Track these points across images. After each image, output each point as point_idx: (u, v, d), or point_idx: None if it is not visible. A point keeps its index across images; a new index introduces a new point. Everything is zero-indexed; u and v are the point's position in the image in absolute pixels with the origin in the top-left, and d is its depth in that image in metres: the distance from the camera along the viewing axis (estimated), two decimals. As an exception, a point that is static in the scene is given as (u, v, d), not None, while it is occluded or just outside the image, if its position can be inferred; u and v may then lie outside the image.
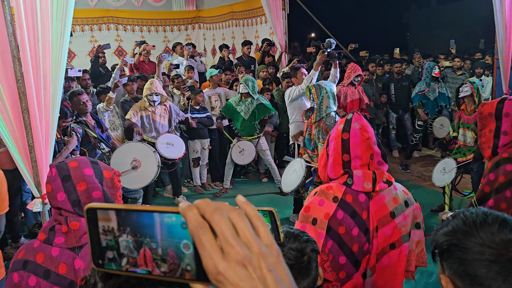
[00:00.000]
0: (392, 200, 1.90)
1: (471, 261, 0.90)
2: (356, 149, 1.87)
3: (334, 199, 1.86)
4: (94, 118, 4.64)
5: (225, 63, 7.55)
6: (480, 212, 0.96)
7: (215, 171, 6.45)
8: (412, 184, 6.34)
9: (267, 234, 0.52)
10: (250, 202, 0.54)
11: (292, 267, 1.34)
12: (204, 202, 0.51)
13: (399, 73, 7.30)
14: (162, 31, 9.81)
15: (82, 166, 1.55)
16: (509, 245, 0.90)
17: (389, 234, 1.89)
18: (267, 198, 5.98)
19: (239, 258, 0.48)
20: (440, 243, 0.97)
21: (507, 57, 5.49)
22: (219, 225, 0.49)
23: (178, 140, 5.21)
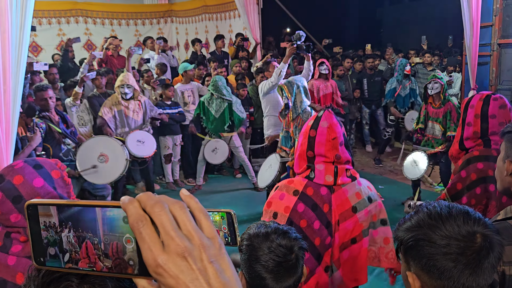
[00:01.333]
0: (355, 195, 1.92)
1: (438, 254, 0.90)
2: (320, 147, 1.88)
3: (294, 193, 1.87)
4: (58, 113, 4.48)
5: (198, 58, 7.44)
6: (443, 205, 0.95)
7: (187, 167, 6.36)
8: (385, 178, 6.43)
9: (209, 227, 0.52)
10: (193, 196, 0.54)
11: (280, 264, 1.33)
12: (145, 196, 0.51)
13: (372, 69, 7.37)
14: (133, 24, 9.58)
15: (29, 179, 1.39)
16: (474, 237, 0.90)
17: (351, 229, 1.91)
18: (242, 194, 5.94)
19: (179, 250, 0.48)
20: (405, 239, 0.96)
21: (474, 54, 5.62)
22: (159, 217, 0.49)
23: (148, 137, 5.08)
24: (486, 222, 0.93)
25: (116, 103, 5.06)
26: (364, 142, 8.00)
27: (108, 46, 6.76)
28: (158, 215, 0.49)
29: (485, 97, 2.31)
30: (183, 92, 6.14)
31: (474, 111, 2.30)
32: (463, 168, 2.26)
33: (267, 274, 1.33)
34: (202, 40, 8.60)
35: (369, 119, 7.59)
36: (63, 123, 4.44)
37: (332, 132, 1.89)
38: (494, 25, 5.85)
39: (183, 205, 0.51)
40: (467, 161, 2.27)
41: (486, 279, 0.90)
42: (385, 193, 5.58)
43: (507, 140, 1.35)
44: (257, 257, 1.35)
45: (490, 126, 2.25)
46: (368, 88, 7.33)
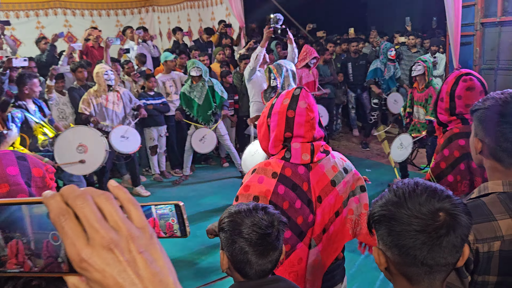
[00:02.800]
0: (331, 169, 1.91)
1: (400, 232, 0.90)
2: (300, 128, 1.84)
3: (273, 175, 1.84)
4: (35, 102, 4.42)
5: (180, 47, 7.33)
6: (411, 183, 0.95)
7: (174, 158, 6.31)
8: (372, 161, 6.45)
9: (139, 216, 0.50)
10: (122, 187, 0.52)
11: (263, 237, 1.35)
12: (68, 188, 0.48)
13: (356, 52, 7.33)
14: (114, 15, 9.41)
15: (5, 164, 1.36)
16: (435, 215, 0.89)
17: (333, 203, 1.90)
18: (229, 183, 5.91)
19: (104, 243, 0.46)
20: (372, 214, 0.97)
21: (456, 34, 5.60)
22: (82, 210, 0.47)
23: (132, 132, 5.00)
24: (453, 200, 0.91)
25: (93, 96, 4.95)
26: (351, 126, 8.00)
27: (88, 37, 6.63)
28: (80, 207, 0.46)
29: (458, 76, 2.31)
30: (164, 83, 6.05)
31: (446, 87, 2.31)
32: (445, 146, 2.26)
33: (250, 247, 1.34)
34: (185, 29, 8.47)
35: (355, 103, 7.58)
36: (40, 112, 4.38)
37: (311, 112, 1.84)
38: (476, 4, 5.83)
39: (109, 196, 0.49)
40: (449, 139, 2.27)
41: (446, 258, 0.90)
42: (372, 176, 5.63)
43: (475, 118, 1.34)
44: (240, 231, 1.35)
45: (457, 106, 2.26)
46: (353, 72, 7.31)
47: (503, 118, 1.22)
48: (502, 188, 1.25)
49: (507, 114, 1.22)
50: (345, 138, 7.84)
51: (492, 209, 1.22)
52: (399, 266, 0.94)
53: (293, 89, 1.91)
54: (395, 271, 0.96)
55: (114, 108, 5.05)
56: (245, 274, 1.38)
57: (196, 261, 3.85)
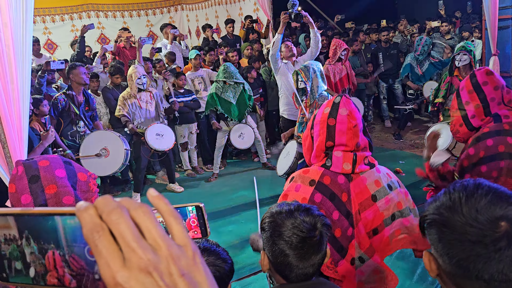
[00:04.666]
0: (374, 183, 1.83)
1: (451, 240, 0.81)
2: (341, 136, 1.79)
3: (311, 183, 1.78)
4: (85, 94, 4.68)
5: (209, 44, 7.39)
6: (471, 184, 0.84)
7: (206, 154, 6.39)
8: (405, 153, 6.31)
9: (181, 232, 0.45)
10: (163, 196, 0.47)
11: (304, 240, 1.29)
12: (103, 200, 0.44)
13: (387, 42, 7.17)
14: (144, 15, 9.58)
15: (53, 167, 1.39)
16: (495, 224, 0.77)
17: (371, 219, 1.81)
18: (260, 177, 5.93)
19: (142, 265, 0.41)
20: (423, 217, 0.88)
21: (493, 17, 5.37)
22: (117, 226, 0.42)
23: (167, 130, 5.12)
24: None
25: (128, 96, 5.09)
26: (382, 118, 7.84)
27: (118, 39, 6.79)
28: (115, 223, 0.42)
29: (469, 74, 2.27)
30: (193, 80, 6.13)
31: (466, 89, 2.24)
32: (472, 145, 2.18)
33: (290, 250, 1.28)
34: (213, 26, 8.53)
35: (386, 93, 7.42)
36: (86, 105, 4.60)
37: (353, 119, 1.78)
38: (514, -14, 5.57)
39: (147, 209, 0.44)
40: (477, 138, 2.18)
41: (506, 274, 0.77)
42: (406, 168, 5.52)
43: None
44: (280, 233, 1.30)
45: (487, 93, 2.17)
46: (384, 61, 7.15)
47: None
48: None
49: None
50: (377, 129, 7.69)
51: None
52: (451, 276, 0.84)
53: (334, 97, 1.87)
54: (448, 280, 0.86)
55: (148, 107, 5.18)
56: (285, 276, 1.33)
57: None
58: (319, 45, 4.84)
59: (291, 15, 4.69)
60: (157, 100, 5.27)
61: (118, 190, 5.63)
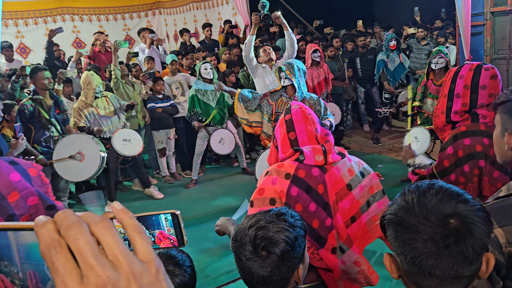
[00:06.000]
0: (347, 172, 1.88)
1: (406, 239, 0.83)
2: (299, 124, 1.89)
3: (286, 176, 1.80)
4: (53, 97, 4.52)
5: (187, 48, 7.33)
6: (425, 185, 0.86)
7: (184, 159, 6.31)
8: (384, 157, 6.37)
9: (145, 248, 0.44)
10: (128, 210, 0.45)
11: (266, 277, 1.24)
12: (62, 215, 0.42)
13: (364, 47, 7.25)
14: (121, 19, 9.45)
15: (5, 172, 1.31)
16: (445, 221, 0.80)
17: (348, 207, 1.86)
18: (240, 182, 5.89)
19: (100, 283, 0.39)
20: (383, 218, 0.91)
21: (466, 24, 5.50)
22: (76, 242, 0.40)
23: (133, 134, 5.02)
24: (470, 206, 0.82)
25: (84, 106, 4.89)
26: (361, 122, 7.92)
27: (95, 42, 6.66)
28: (74, 239, 0.40)
29: (476, 67, 2.21)
30: (170, 85, 6.05)
31: (463, 81, 2.21)
32: (450, 144, 2.19)
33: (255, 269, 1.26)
34: (191, 30, 8.47)
35: (364, 98, 7.50)
36: (55, 108, 4.46)
37: (306, 110, 1.93)
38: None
39: (108, 224, 0.43)
40: (454, 137, 2.19)
41: (456, 269, 0.81)
42: (385, 172, 5.57)
43: (502, 111, 1.24)
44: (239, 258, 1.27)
45: (480, 98, 2.15)
46: (361, 66, 7.23)
47: None
48: None
49: None
50: (356, 133, 7.76)
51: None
52: (409, 275, 0.87)
53: None
54: (408, 280, 0.89)
55: (106, 113, 5.02)
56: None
57: (208, 263, 3.84)
58: (295, 46, 4.78)
59: (261, 16, 4.67)
60: (115, 104, 5.12)
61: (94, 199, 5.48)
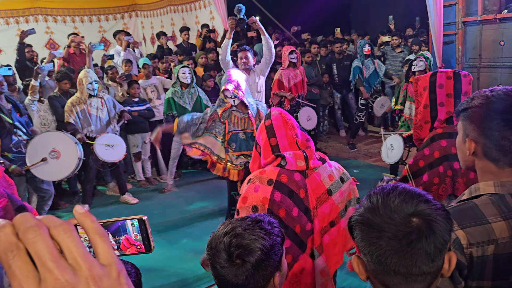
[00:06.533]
0: (328, 177, 1.91)
1: (372, 239, 0.87)
2: (280, 129, 1.90)
3: (268, 182, 1.82)
4: (10, 101, 4.31)
5: (164, 51, 7.26)
6: (389, 188, 0.90)
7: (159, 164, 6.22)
8: (359, 162, 6.44)
9: (106, 251, 0.43)
10: (90, 214, 0.45)
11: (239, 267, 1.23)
12: (21, 218, 0.41)
13: (340, 53, 7.35)
14: (96, 21, 9.29)
15: None
16: (408, 220, 0.84)
17: (328, 212, 1.89)
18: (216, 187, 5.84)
19: (58, 286, 0.38)
20: (350, 220, 0.93)
21: (439, 33, 5.64)
22: (34, 245, 0.39)
23: (117, 140, 4.93)
24: (431, 205, 0.86)
25: (76, 103, 4.88)
26: (337, 127, 8.00)
27: (70, 44, 6.52)
28: (32, 242, 0.39)
29: (453, 74, 2.27)
30: (145, 88, 5.97)
31: (445, 90, 2.27)
32: (427, 145, 2.24)
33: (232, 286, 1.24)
34: (169, 33, 8.40)
35: (341, 103, 7.59)
36: (15, 111, 4.27)
37: (286, 115, 1.95)
38: (457, 3, 5.89)
39: (68, 227, 0.42)
40: (431, 138, 2.25)
41: (419, 266, 0.84)
42: (360, 177, 5.64)
43: (464, 118, 1.27)
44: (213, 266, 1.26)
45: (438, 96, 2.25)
46: (338, 72, 7.32)
47: (499, 115, 1.17)
48: (494, 189, 1.21)
49: (503, 111, 1.17)
50: (332, 139, 7.84)
51: (485, 212, 1.17)
52: (376, 274, 0.90)
53: None
54: (375, 280, 0.91)
55: (98, 113, 4.98)
56: None
57: (182, 269, 3.78)
58: (272, 51, 4.77)
59: (237, 20, 4.68)
60: (109, 107, 5.08)
61: (66, 202, 5.34)
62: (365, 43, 6.73)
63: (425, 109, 2.33)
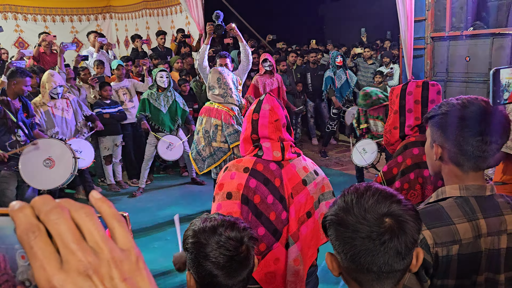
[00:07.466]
0: (302, 169, 1.95)
1: (346, 238, 0.89)
2: (263, 130, 1.90)
3: (245, 170, 1.87)
4: (22, 100, 4.22)
5: (138, 54, 7.19)
6: (363, 188, 0.93)
7: (131, 167, 6.13)
8: (330, 170, 6.55)
9: (125, 236, 0.43)
10: (107, 199, 0.45)
11: (231, 259, 1.24)
12: (41, 200, 0.41)
13: (315, 63, 7.48)
14: (68, 21, 9.10)
15: None
16: (381, 220, 0.87)
17: (304, 202, 1.92)
18: (188, 192, 5.82)
19: (81, 267, 0.38)
20: (324, 219, 0.96)
21: (409, 47, 5.84)
22: (56, 227, 0.39)
23: (86, 145, 4.82)
24: (402, 206, 0.89)
25: (40, 104, 4.76)
26: (310, 135, 8.12)
27: (41, 43, 6.36)
28: (54, 223, 0.39)
29: (422, 83, 2.38)
30: (117, 91, 5.89)
31: (413, 97, 2.37)
32: (400, 153, 2.31)
33: (218, 270, 1.23)
34: (143, 37, 8.33)
35: (314, 112, 7.71)
36: (23, 111, 4.16)
37: (274, 114, 1.91)
38: (427, 19, 6.11)
39: (89, 210, 0.42)
40: (404, 146, 2.32)
41: (390, 264, 0.87)
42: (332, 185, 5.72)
43: (431, 124, 1.34)
44: (205, 254, 1.24)
45: (407, 103, 2.35)
46: (312, 82, 7.44)
47: (463, 121, 1.23)
48: (459, 193, 1.27)
49: (467, 118, 1.23)
50: (305, 147, 7.94)
51: (450, 213, 1.24)
52: (349, 272, 0.93)
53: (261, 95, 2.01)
54: (348, 277, 0.95)
55: (64, 115, 4.87)
56: None
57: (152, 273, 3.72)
58: (249, 58, 4.80)
59: (215, 26, 4.70)
60: (75, 108, 4.97)
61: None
62: (337, 54, 6.90)
63: (395, 115, 2.43)
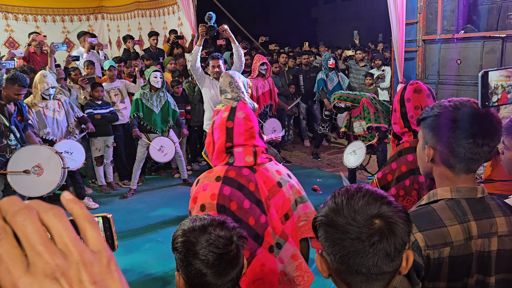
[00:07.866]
0: (276, 172, 1.94)
1: (335, 239, 0.88)
2: (239, 138, 1.89)
3: (217, 179, 1.84)
4: (17, 104, 4.16)
5: (130, 55, 7.15)
6: (353, 189, 0.92)
7: (122, 169, 6.09)
8: (322, 171, 6.56)
9: (96, 238, 0.42)
10: (78, 200, 0.44)
11: (221, 257, 1.24)
12: (8, 201, 0.40)
13: (307, 65, 7.50)
14: (60, 21, 9.03)
15: None
16: (370, 222, 0.86)
17: (281, 204, 1.91)
18: (180, 194, 5.78)
19: (48, 270, 0.38)
20: (314, 219, 0.95)
21: (401, 49, 5.89)
22: (23, 228, 0.38)
23: (76, 147, 4.79)
24: (392, 208, 0.89)
25: (32, 104, 4.74)
26: (302, 137, 8.13)
27: (31, 43, 6.30)
28: (21, 225, 0.38)
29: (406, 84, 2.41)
30: (109, 92, 5.86)
31: (397, 97, 2.38)
32: (394, 159, 2.31)
33: (207, 269, 1.23)
34: (136, 37, 8.29)
35: (306, 114, 7.72)
36: (17, 115, 4.10)
37: (249, 122, 1.92)
38: (418, 22, 6.16)
39: (58, 211, 0.41)
40: (398, 153, 2.32)
41: (379, 266, 0.87)
42: (323, 186, 5.75)
43: (423, 126, 1.34)
44: (195, 252, 1.23)
45: (408, 110, 2.33)
46: (304, 83, 7.46)
47: (455, 123, 1.24)
48: (450, 195, 1.27)
49: (459, 120, 1.23)
50: (297, 148, 7.95)
51: (442, 216, 1.24)
52: (338, 273, 0.93)
53: (232, 103, 1.99)
54: (337, 278, 0.94)
55: (55, 116, 4.84)
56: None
57: (144, 275, 3.70)
58: (242, 60, 4.79)
59: (207, 27, 4.71)
60: (67, 109, 4.94)
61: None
62: (329, 56, 6.92)
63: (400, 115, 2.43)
